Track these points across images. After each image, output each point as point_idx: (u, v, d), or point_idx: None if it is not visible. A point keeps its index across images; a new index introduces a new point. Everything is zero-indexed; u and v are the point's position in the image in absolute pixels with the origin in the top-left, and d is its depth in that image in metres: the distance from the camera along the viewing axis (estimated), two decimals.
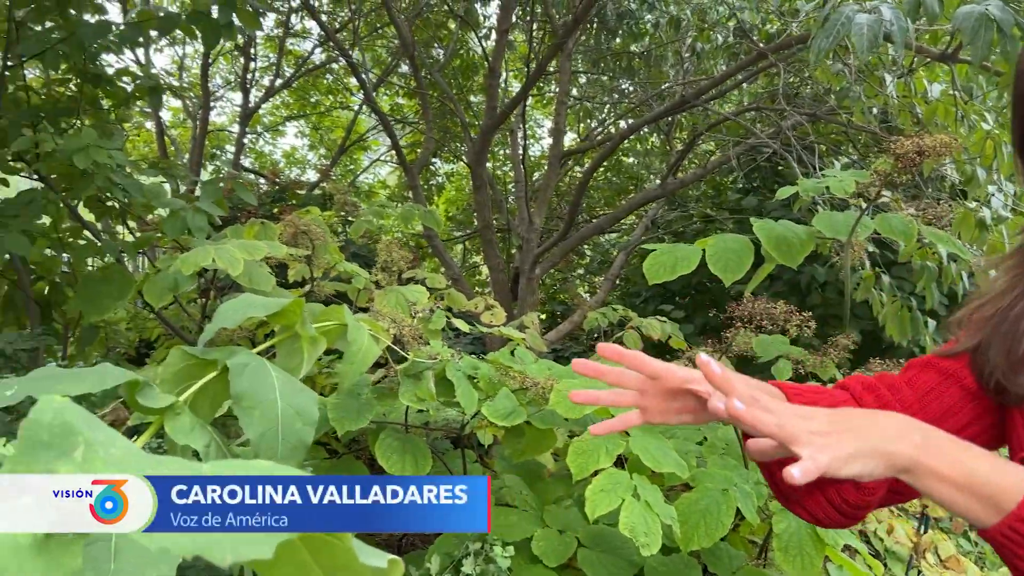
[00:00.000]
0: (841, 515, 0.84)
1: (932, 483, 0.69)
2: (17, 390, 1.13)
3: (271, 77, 8.19)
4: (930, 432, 0.71)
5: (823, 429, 0.68)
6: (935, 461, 0.68)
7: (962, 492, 0.68)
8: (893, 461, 0.68)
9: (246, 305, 1.30)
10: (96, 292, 2.59)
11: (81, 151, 2.20)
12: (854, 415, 0.72)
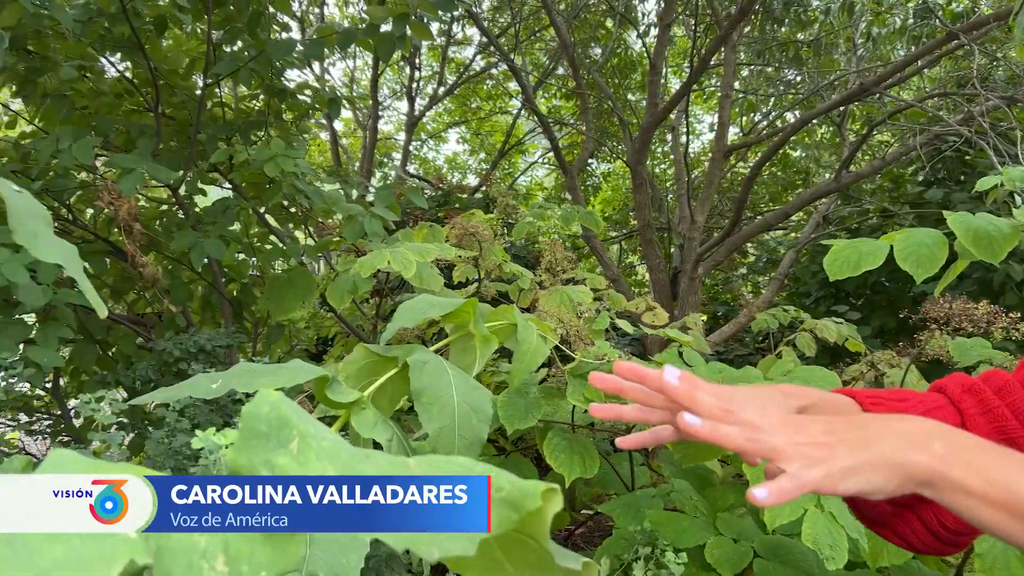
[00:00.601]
0: (938, 541, 0.71)
1: (959, 499, 0.57)
2: (221, 384, 1.22)
3: (434, 85, 8.49)
4: (958, 439, 0.59)
5: (816, 440, 0.59)
6: (961, 473, 0.57)
7: (999, 510, 0.56)
8: (909, 473, 0.57)
9: (424, 305, 1.34)
10: (282, 293, 2.78)
11: (270, 161, 2.37)
12: (861, 421, 0.62)
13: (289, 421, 0.49)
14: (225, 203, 2.86)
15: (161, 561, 0.34)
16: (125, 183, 2.20)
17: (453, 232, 2.59)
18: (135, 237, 2.19)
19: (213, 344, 2.47)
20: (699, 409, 0.63)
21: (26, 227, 0.79)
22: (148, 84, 2.87)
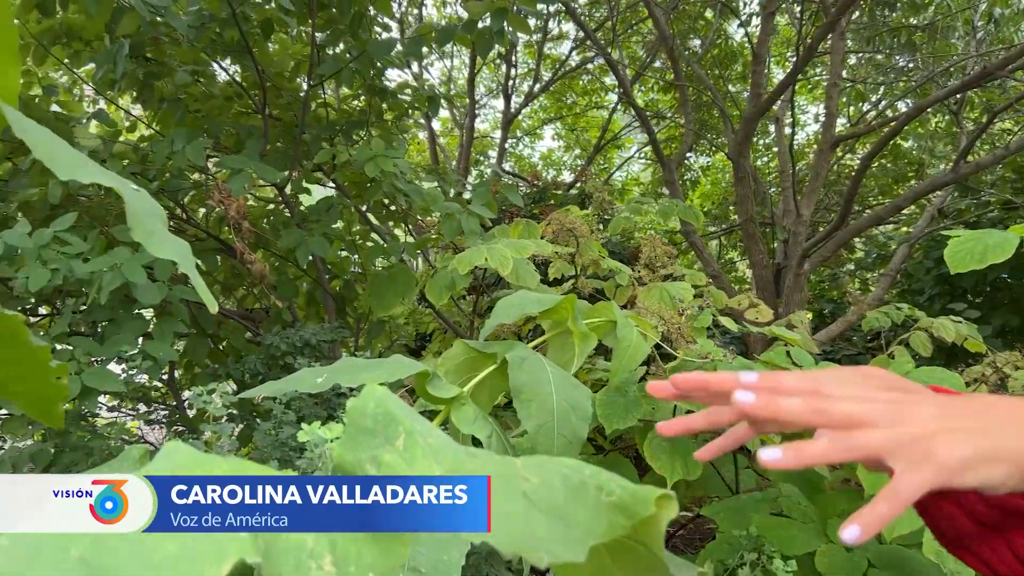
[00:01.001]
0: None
1: None
2: (326, 378, 1.24)
3: (530, 82, 8.49)
4: None
5: (927, 427, 0.48)
6: None
7: None
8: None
9: (523, 301, 1.33)
10: (383, 290, 2.83)
11: (370, 161, 2.41)
12: (982, 404, 0.50)
13: (395, 417, 0.48)
14: (328, 202, 2.93)
15: (269, 560, 0.33)
16: (235, 182, 2.29)
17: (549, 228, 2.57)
18: (244, 235, 2.26)
19: (317, 339, 2.54)
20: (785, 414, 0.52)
21: (143, 225, 0.81)
22: (256, 87, 2.97)
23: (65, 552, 0.33)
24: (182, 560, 0.32)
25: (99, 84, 2.90)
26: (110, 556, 0.32)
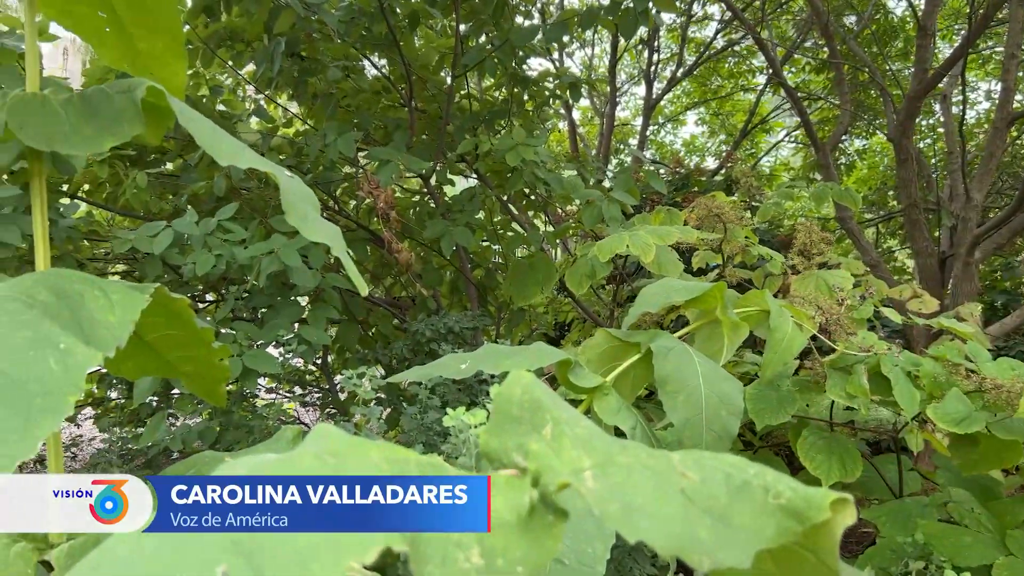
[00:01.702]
0: None
1: None
2: (469, 364, 1.25)
3: (672, 67, 8.29)
4: None
5: None
6: None
7: None
8: None
9: (668, 289, 1.28)
10: (523, 279, 2.84)
11: (512, 150, 2.42)
12: None
13: (542, 405, 0.46)
14: (471, 192, 2.97)
15: (417, 549, 0.32)
16: (383, 173, 2.35)
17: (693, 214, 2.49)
18: (392, 224, 2.33)
19: (460, 326, 2.58)
20: None
21: (297, 209, 0.83)
22: (402, 80, 3.05)
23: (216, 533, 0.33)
24: (328, 547, 0.31)
25: (259, 83, 3.07)
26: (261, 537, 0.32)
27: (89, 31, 0.99)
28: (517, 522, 0.35)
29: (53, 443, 0.83)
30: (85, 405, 3.25)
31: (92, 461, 2.43)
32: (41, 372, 0.60)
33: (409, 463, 0.38)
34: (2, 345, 0.61)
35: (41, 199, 0.82)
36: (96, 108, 0.76)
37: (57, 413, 0.60)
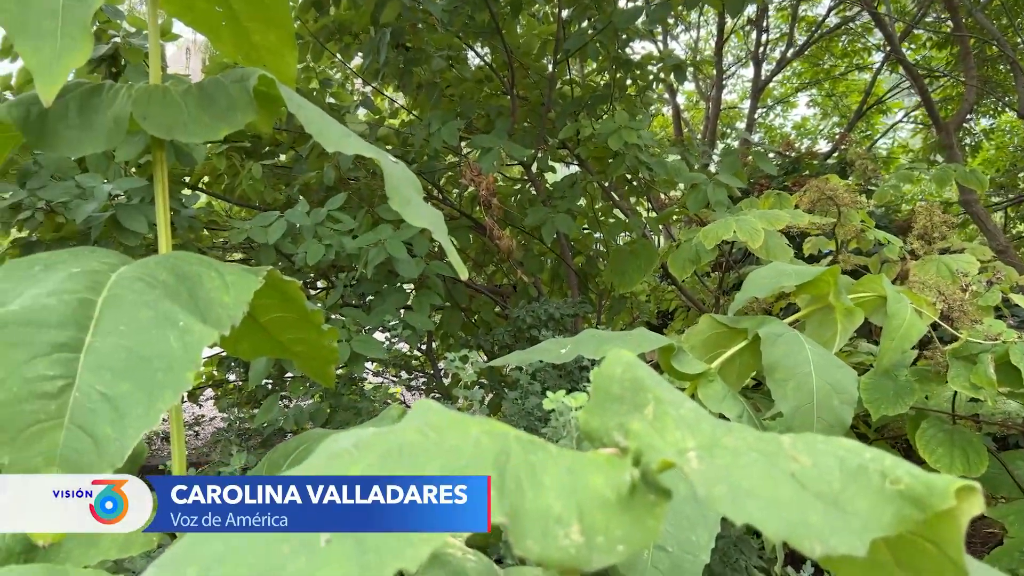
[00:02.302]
0: None
1: None
2: (570, 349, 1.24)
3: (782, 48, 7.99)
4: None
5: None
6: None
7: None
8: None
9: (777, 273, 1.24)
10: (625, 265, 2.81)
11: (614, 133, 2.39)
12: None
13: (644, 384, 0.45)
14: (572, 179, 2.96)
15: (517, 522, 0.32)
16: (485, 161, 2.38)
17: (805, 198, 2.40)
18: (493, 212, 2.35)
19: (561, 312, 2.58)
20: None
21: (401, 193, 0.85)
22: (504, 68, 3.06)
23: None
24: None
25: (365, 74, 3.14)
26: None
27: (207, 26, 1.03)
28: (617, 501, 0.35)
29: (175, 420, 0.88)
30: (206, 387, 3.43)
31: (213, 439, 2.56)
32: (163, 349, 0.63)
33: (508, 437, 0.37)
34: (128, 323, 0.64)
35: (163, 186, 0.86)
36: (212, 97, 0.79)
37: (177, 388, 0.63)
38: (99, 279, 0.67)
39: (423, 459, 0.35)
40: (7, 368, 0.57)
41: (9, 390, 0.57)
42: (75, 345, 0.60)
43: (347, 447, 0.40)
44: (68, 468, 0.58)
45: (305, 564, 0.30)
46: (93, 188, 2.04)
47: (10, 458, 0.56)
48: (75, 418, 0.58)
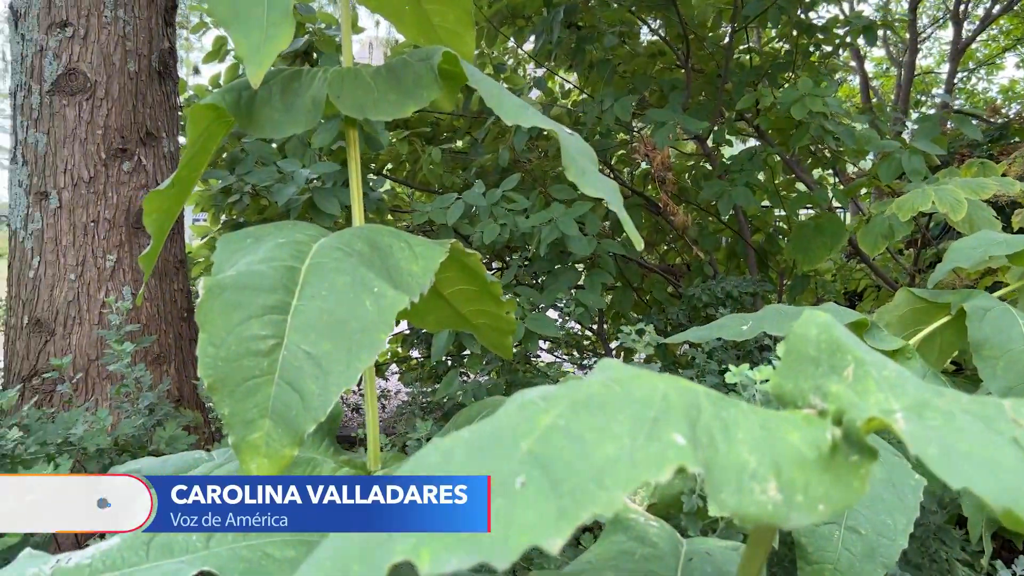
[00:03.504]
0: None
1: None
2: (752, 325, 1.20)
3: (986, 4, 7.26)
4: None
5: None
6: None
7: None
8: None
9: (986, 242, 1.14)
10: (809, 241, 2.67)
11: (797, 102, 2.27)
12: None
13: (842, 345, 0.43)
14: (751, 151, 2.85)
15: (712, 474, 0.31)
16: (659, 135, 2.33)
17: (1014, 167, 2.18)
18: (667, 187, 2.30)
19: (739, 291, 2.49)
20: None
21: (576, 164, 0.85)
22: (679, 40, 2.99)
23: (516, 446, 0.35)
24: (621, 463, 0.31)
25: (538, 56, 3.18)
26: (557, 452, 0.33)
27: (390, 10, 1.08)
28: (817, 459, 0.33)
29: (370, 390, 0.93)
30: (391, 363, 3.63)
31: (398, 412, 2.70)
32: (359, 312, 0.68)
33: (698, 393, 0.37)
34: (328, 288, 0.69)
35: (356, 163, 0.92)
36: (399, 76, 0.83)
37: (372, 348, 0.67)
38: (303, 248, 0.72)
39: (612, 409, 0.35)
40: (226, 328, 0.63)
41: (228, 348, 0.63)
42: (283, 308, 0.65)
43: (534, 398, 0.40)
44: (278, 421, 0.63)
45: (503, 505, 0.31)
46: (293, 172, 2.20)
47: (230, 409, 0.62)
48: (284, 374, 0.63)
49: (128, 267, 1.99)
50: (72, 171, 1.95)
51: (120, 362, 1.51)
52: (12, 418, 1.40)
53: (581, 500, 0.30)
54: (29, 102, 1.98)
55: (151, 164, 2.07)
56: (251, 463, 0.62)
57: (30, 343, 1.94)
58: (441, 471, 0.35)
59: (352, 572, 0.33)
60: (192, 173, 0.87)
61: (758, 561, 0.42)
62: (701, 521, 0.79)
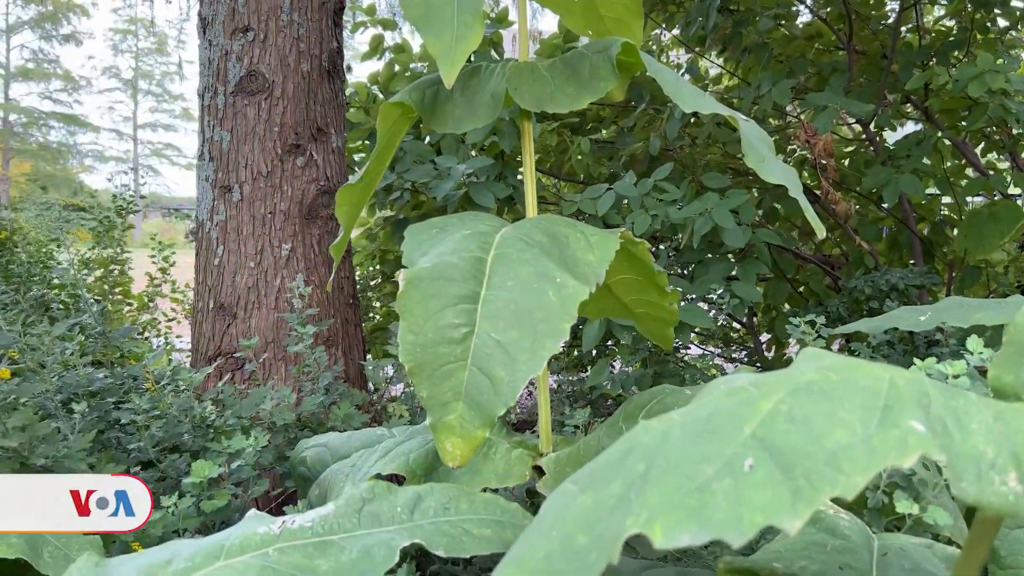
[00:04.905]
0: None
1: None
2: (930, 316, 1.14)
3: None
4: None
5: None
6: None
7: None
8: None
9: None
10: (982, 229, 2.49)
11: (975, 79, 2.12)
12: None
13: None
14: (918, 136, 2.68)
15: (951, 463, 0.31)
16: (820, 120, 2.24)
17: None
18: (829, 174, 2.21)
19: (905, 283, 2.36)
20: None
21: (756, 151, 0.84)
22: (840, 20, 2.85)
23: (738, 429, 0.36)
24: (856, 450, 0.32)
25: (690, 41, 3.12)
26: (783, 436, 0.34)
27: (556, 3, 1.10)
28: None
29: (542, 377, 0.96)
30: None
31: None
32: (543, 301, 0.70)
33: (923, 381, 0.36)
34: (513, 278, 0.72)
35: (530, 156, 0.94)
36: (575, 69, 0.85)
37: (556, 336, 0.69)
38: (487, 239, 0.75)
39: (836, 396, 0.35)
40: (424, 316, 0.67)
41: (426, 335, 0.67)
42: (473, 297, 0.69)
43: (744, 385, 0.41)
44: (471, 404, 0.67)
45: (731, 485, 0.32)
46: (449, 168, 2.28)
47: (427, 392, 0.67)
48: (475, 360, 0.67)
49: (300, 256, 2.12)
50: (252, 166, 2.11)
51: (301, 343, 1.63)
52: (209, 393, 1.54)
53: (818, 483, 0.30)
54: (215, 103, 2.15)
55: (321, 159, 2.20)
56: (446, 442, 0.66)
57: (215, 325, 2.11)
58: (660, 452, 0.37)
59: (577, 543, 0.35)
60: (379, 167, 0.92)
61: (979, 556, 0.41)
62: (884, 518, 0.77)
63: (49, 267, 2.76)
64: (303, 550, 0.54)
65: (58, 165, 25.52)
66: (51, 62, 26.47)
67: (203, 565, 0.52)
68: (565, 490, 0.42)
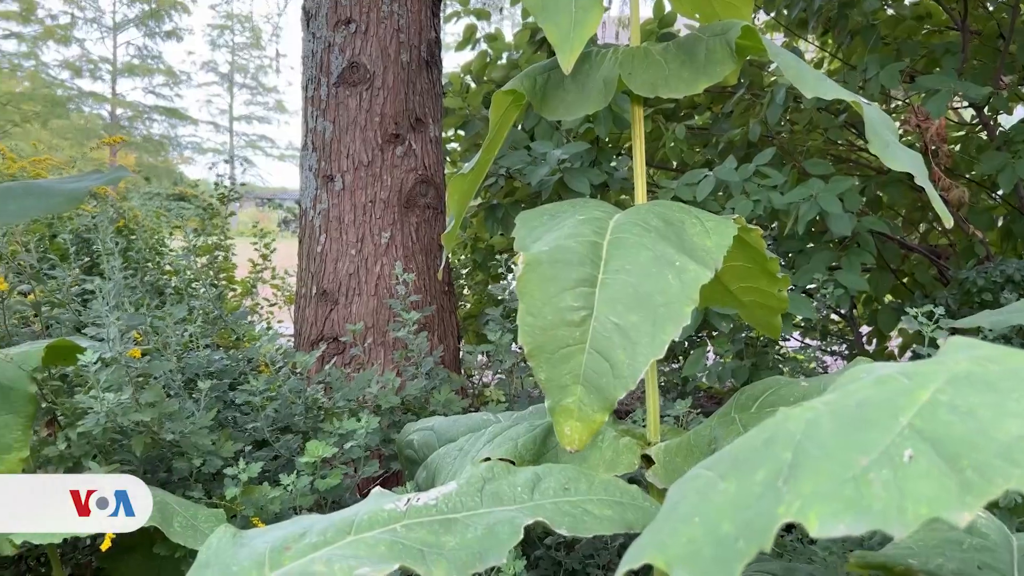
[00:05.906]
0: None
1: None
2: None
3: None
4: None
5: None
6: None
7: None
8: None
9: None
10: None
11: None
12: None
13: None
14: None
15: None
16: (933, 104, 2.14)
17: None
18: (941, 160, 2.11)
19: (1022, 274, 2.24)
20: None
21: (880, 136, 0.81)
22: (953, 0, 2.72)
23: (894, 419, 0.35)
24: None
25: (792, 25, 3.02)
26: (945, 427, 0.33)
27: None
28: None
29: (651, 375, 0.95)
30: None
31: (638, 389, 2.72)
32: (663, 285, 0.70)
33: None
34: (631, 262, 0.72)
35: (641, 141, 0.94)
36: (691, 53, 0.84)
37: (678, 321, 0.69)
38: (602, 224, 0.75)
39: (1002, 387, 0.34)
40: (543, 299, 0.68)
41: (545, 318, 0.67)
42: (591, 280, 0.69)
43: (894, 374, 0.40)
44: (589, 387, 0.67)
45: (891, 476, 0.32)
46: (544, 154, 2.28)
47: (546, 375, 0.67)
48: (594, 344, 0.67)
49: (399, 244, 2.17)
50: (353, 156, 2.16)
51: (405, 329, 1.67)
52: (316, 376, 1.60)
53: (990, 476, 0.29)
54: (319, 94, 2.21)
55: (419, 148, 2.23)
56: (564, 426, 0.67)
57: (317, 311, 2.18)
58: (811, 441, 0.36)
59: (722, 531, 0.34)
60: (489, 156, 0.93)
61: None
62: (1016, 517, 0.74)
63: (162, 253, 2.90)
64: (429, 527, 0.56)
65: (160, 157, 26.70)
66: (154, 58, 27.64)
67: (335, 539, 0.54)
68: (700, 476, 0.42)
